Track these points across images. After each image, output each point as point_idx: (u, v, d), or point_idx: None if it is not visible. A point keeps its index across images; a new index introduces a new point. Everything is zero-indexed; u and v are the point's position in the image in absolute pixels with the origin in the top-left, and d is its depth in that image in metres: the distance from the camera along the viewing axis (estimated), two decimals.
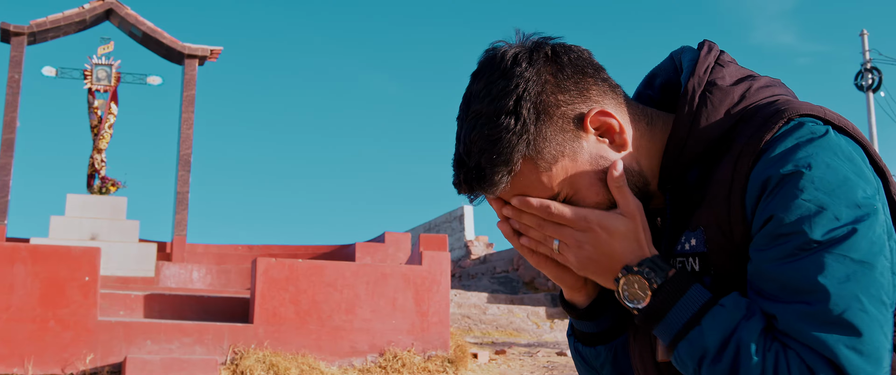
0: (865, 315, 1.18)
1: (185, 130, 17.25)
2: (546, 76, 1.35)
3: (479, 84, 1.37)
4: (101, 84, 17.21)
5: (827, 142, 1.26)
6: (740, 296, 1.28)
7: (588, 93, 1.37)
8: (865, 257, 1.20)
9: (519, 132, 1.32)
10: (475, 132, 1.34)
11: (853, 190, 1.23)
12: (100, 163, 17.01)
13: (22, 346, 9.31)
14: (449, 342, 10.90)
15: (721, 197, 1.31)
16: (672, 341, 1.31)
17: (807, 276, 1.20)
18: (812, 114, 1.32)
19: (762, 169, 1.26)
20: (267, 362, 9.75)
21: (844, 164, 1.25)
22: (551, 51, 1.38)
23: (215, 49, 17.65)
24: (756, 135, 1.30)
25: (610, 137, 1.38)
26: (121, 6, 17.33)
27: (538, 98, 1.34)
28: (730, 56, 1.49)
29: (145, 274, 15.23)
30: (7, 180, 16.16)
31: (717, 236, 1.32)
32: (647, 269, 1.34)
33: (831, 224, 1.20)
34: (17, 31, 16.65)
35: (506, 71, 1.34)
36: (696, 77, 1.41)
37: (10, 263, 9.45)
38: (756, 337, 1.22)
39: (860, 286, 1.19)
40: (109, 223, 15.98)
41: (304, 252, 16.67)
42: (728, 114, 1.37)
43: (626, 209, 1.36)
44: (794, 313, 1.20)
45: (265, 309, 10.25)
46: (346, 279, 10.63)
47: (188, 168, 17.09)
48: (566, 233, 1.37)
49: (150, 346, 9.72)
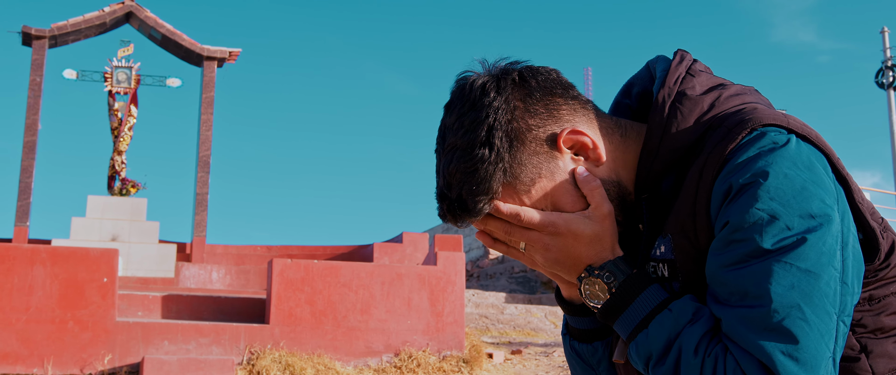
0: (805, 324, 1.20)
1: (204, 132, 17.37)
2: (515, 102, 1.38)
3: (452, 117, 1.40)
4: (121, 86, 17.37)
5: (787, 152, 1.28)
6: (691, 301, 1.31)
7: (558, 113, 1.40)
8: (813, 267, 1.22)
9: (494, 161, 1.35)
10: (453, 165, 1.37)
11: (809, 199, 1.25)
12: (120, 165, 17.16)
13: (41, 346, 9.43)
14: (464, 342, 10.93)
15: (687, 205, 1.34)
16: (626, 341, 1.36)
17: (753, 282, 1.23)
18: (776, 124, 1.33)
19: (725, 178, 1.29)
20: (283, 362, 9.82)
21: (803, 173, 1.27)
22: (518, 76, 1.41)
23: (234, 51, 17.77)
24: (720, 144, 1.32)
25: (584, 154, 1.41)
26: (140, 9, 17.48)
27: (509, 126, 1.37)
28: (703, 65, 1.52)
29: (165, 274, 15.37)
30: (29, 182, 16.33)
31: (683, 243, 1.35)
32: (607, 272, 1.38)
33: (782, 233, 1.23)
34: (39, 34, 16.83)
35: (475, 102, 1.37)
36: (666, 88, 1.44)
37: (30, 264, 9.57)
38: (697, 342, 1.25)
39: (803, 295, 1.21)
40: (130, 224, 16.12)
41: (322, 252, 16.74)
42: (698, 123, 1.40)
43: (597, 212, 1.39)
44: (737, 317, 1.23)
45: (281, 310, 10.32)
46: (361, 279, 10.69)
47: (207, 169, 17.20)
48: (533, 237, 1.41)
49: (167, 346, 9.82)
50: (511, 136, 1.37)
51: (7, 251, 9.63)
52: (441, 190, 1.41)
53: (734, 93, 1.44)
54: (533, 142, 1.38)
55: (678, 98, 1.42)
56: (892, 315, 1.39)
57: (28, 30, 16.78)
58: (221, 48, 17.67)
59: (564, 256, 1.41)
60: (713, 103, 1.41)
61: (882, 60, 26.25)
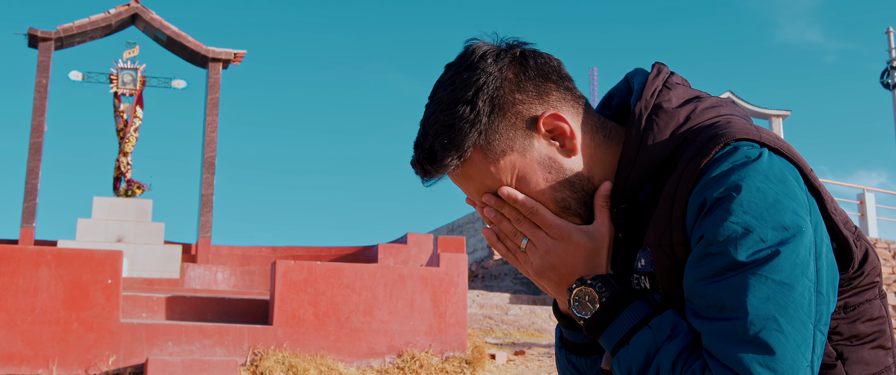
0: (781, 335, 1.23)
1: (209, 133, 17.41)
2: (508, 74, 1.43)
3: (448, 74, 1.46)
4: (126, 88, 17.42)
5: (760, 165, 1.31)
6: (672, 316, 1.34)
7: (547, 97, 1.45)
8: (787, 278, 1.25)
9: (472, 121, 1.41)
10: (433, 117, 1.43)
11: (781, 212, 1.27)
12: (126, 166, 17.21)
13: (46, 348, 9.48)
14: (466, 343, 10.96)
15: (664, 218, 1.37)
16: (610, 354, 1.40)
17: (730, 295, 1.25)
18: (748, 138, 1.36)
19: (699, 192, 1.32)
20: (286, 363, 9.86)
21: (775, 187, 1.29)
22: (520, 53, 1.46)
23: (239, 52, 17.81)
24: (695, 159, 1.35)
25: (561, 141, 1.45)
26: (146, 11, 17.54)
27: (496, 93, 1.42)
28: (680, 78, 1.55)
29: (171, 275, 15.41)
30: (35, 183, 16.40)
31: (660, 256, 1.38)
32: (599, 284, 1.42)
33: (756, 246, 1.26)
34: (45, 36, 16.90)
35: (472, 65, 1.43)
36: (643, 100, 1.47)
37: (35, 266, 9.63)
38: (674, 358, 1.29)
39: (779, 306, 1.23)
40: (135, 225, 16.18)
41: (327, 253, 16.77)
42: (673, 136, 1.43)
43: (600, 230, 1.45)
44: (715, 330, 1.26)
45: (284, 311, 10.36)
46: (364, 281, 10.73)
47: (213, 170, 17.24)
48: (539, 236, 1.46)
49: (171, 347, 9.86)
50: (494, 103, 1.42)
51: (12, 252, 9.69)
52: (418, 139, 1.47)
53: (709, 105, 1.47)
54: (514, 116, 1.43)
55: (654, 111, 1.45)
56: (867, 322, 1.43)
57: (34, 32, 16.85)
58: (226, 50, 17.71)
59: (561, 263, 1.45)
60: (689, 116, 1.44)
61: (887, 61, 26.20)
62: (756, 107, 26.63)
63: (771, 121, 26.65)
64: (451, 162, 1.43)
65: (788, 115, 26.61)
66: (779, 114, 26.55)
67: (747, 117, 1.53)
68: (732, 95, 26.44)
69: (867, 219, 21.44)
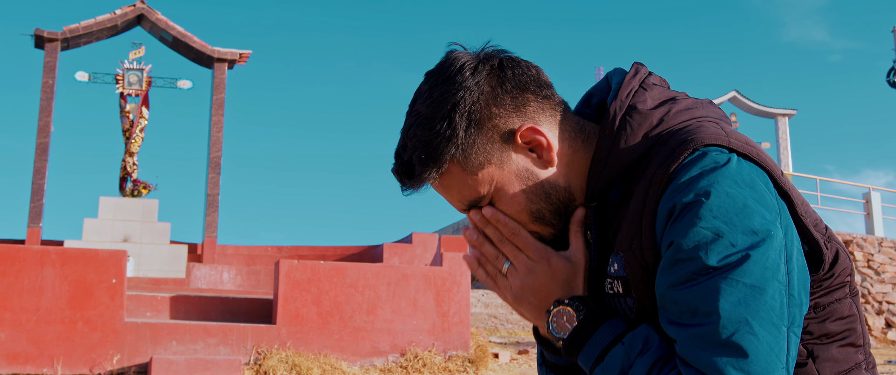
0: (754, 338, 1.23)
1: (214, 133, 17.47)
2: (485, 87, 1.44)
3: (427, 85, 1.47)
4: (132, 88, 17.49)
5: (728, 171, 1.32)
6: (644, 330, 1.36)
7: (525, 108, 1.46)
8: (757, 282, 1.26)
9: (449, 137, 1.43)
10: (412, 130, 1.45)
11: (750, 216, 1.29)
12: (132, 167, 17.28)
13: (51, 347, 9.54)
14: (469, 342, 10.99)
15: (634, 223, 1.38)
16: (589, 374, 1.42)
17: (702, 300, 1.26)
18: (717, 143, 1.37)
19: (668, 197, 1.33)
20: (290, 362, 9.90)
21: (744, 191, 1.31)
22: (498, 64, 1.47)
23: (244, 53, 17.86)
24: (664, 164, 1.36)
25: (538, 153, 1.47)
26: (151, 11, 17.60)
27: (473, 108, 1.43)
28: (658, 78, 1.56)
29: (176, 275, 15.47)
30: (42, 184, 16.47)
31: (631, 261, 1.39)
32: (577, 303, 1.45)
33: (727, 250, 1.27)
34: (51, 37, 16.97)
35: (450, 77, 1.44)
36: (618, 100, 1.48)
37: (40, 266, 9.68)
38: (646, 371, 1.31)
39: (750, 310, 1.25)
40: (141, 225, 16.24)
41: (332, 253, 16.81)
42: (646, 137, 1.44)
43: (577, 255, 1.48)
44: (688, 337, 1.27)
45: (288, 310, 10.40)
46: (367, 280, 10.76)
47: (218, 170, 17.30)
48: (520, 258, 1.49)
49: (175, 347, 9.91)
50: (471, 118, 1.43)
51: (17, 252, 9.74)
52: (398, 149, 1.49)
53: (684, 107, 1.48)
54: (491, 130, 1.45)
55: (629, 111, 1.47)
56: (837, 321, 1.45)
57: (40, 32, 16.92)
58: (232, 50, 17.77)
59: (541, 285, 1.48)
60: (662, 118, 1.45)
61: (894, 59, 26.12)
62: (762, 105, 26.57)
63: (777, 121, 26.59)
64: (429, 175, 1.46)
65: (794, 114, 26.55)
66: (785, 113, 26.49)
67: (723, 119, 1.54)
68: (738, 95, 26.41)
69: (873, 218, 21.42)
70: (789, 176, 23.76)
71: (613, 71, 1.60)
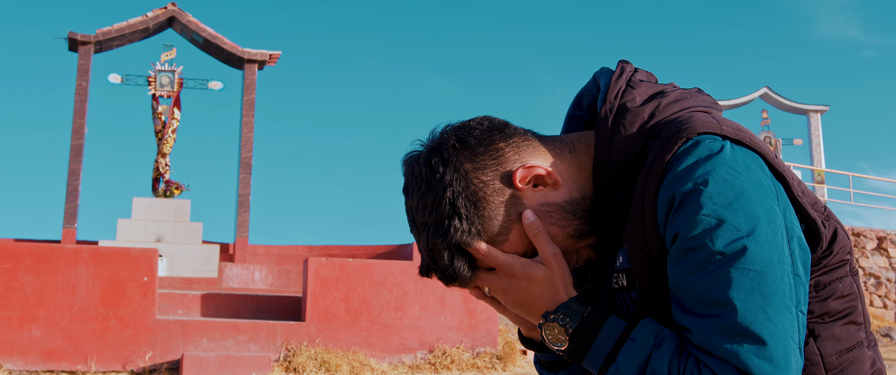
0: (770, 324, 1.25)
1: (245, 134, 17.62)
2: (463, 168, 1.45)
3: (414, 199, 1.47)
4: (164, 90, 17.69)
5: (723, 158, 1.34)
6: (651, 324, 1.36)
7: (504, 157, 1.47)
8: (765, 267, 1.28)
9: (466, 229, 1.43)
10: (431, 242, 1.45)
11: (750, 200, 1.31)
12: (164, 167, 17.46)
13: (85, 344, 9.69)
14: (498, 339, 11.03)
15: (637, 215, 1.40)
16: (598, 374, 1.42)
17: (715, 290, 1.28)
18: (709, 131, 1.40)
19: (667, 188, 1.35)
20: (319, 359, 9.99)
21: (741, 176, 1.33)
22: (456, 140, 1.47)
23: (274, 53, 18.00)
24: (659, 155, 1.38)
25: (542, 184, 1.48)
26: (182, 14, 17.79)
27: (467, 191, 1.44)
28: (644, 73, 1.58)
29: (209, 274, 15.61)
30: (76, 185, 16.71)
31: (636, 252, 1.40)
32: (562, 315, 1.43)
33: (732, 235, 1.28)
34: (85, 40, 17.21)
35: (429, 180, 1.45)
36: (607, 103, 1.50)
37: (74, 265, 9.84)
38: (668, 364, 1.31)
39: (763, 296, 1.26)
40: (174, 225, 16.41)
41: (362, 252, 16.89)
42: (640, 133, 1.46)
43: (545, 257, 1.47)
44: (707, 327, 1.28)
45: (317, 308, 10.49)
46: (395, 277, 10.83)
47: (249, 170, 17.45)
48: (492, 281, 1.49)
49: (206, 344, 10.03)
50: (473, 200, 1.44)
51: (51, 251, 9.91)
52: (427, 265, 1.49)
53: (673, 99, 1.50)
54: (494, 195, 1.45)
55: (620, 112, 1.49)
56: (838, 300, 1.46)
57: (74, 36, 17.17)
58: (262, 51, 17.92)
59: (522, 299, 1.48)
60: (653, 112, 1.48)
61: None
62: (793, 102, 26.37)
63: (809, 117, 26.37)
64: (472, 268, 1.48)
65: (827, 111, 26.32)
66: (817, 109, 26.28)
67: (713, 106, 1.56)
68: (769, 91, 26.23)
69: None
70: (822, 172, 23.59)
71: (600, 71, 1.62)
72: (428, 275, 1.52)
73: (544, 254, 1.46)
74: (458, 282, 1.48)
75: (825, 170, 23.10)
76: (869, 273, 17.72)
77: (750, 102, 26.62)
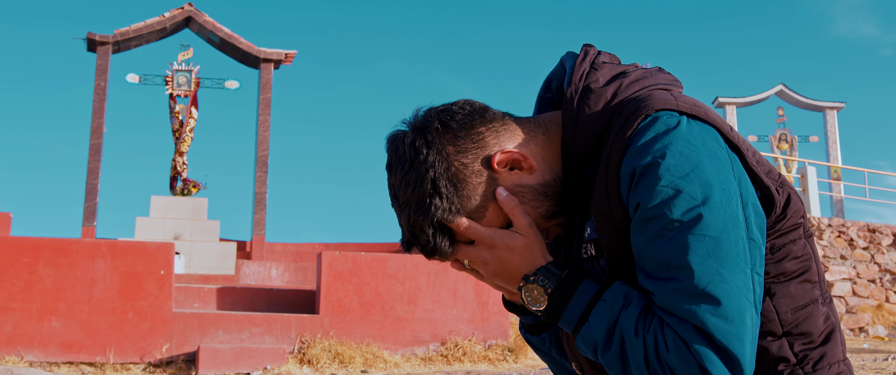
0: (725, 285, 1.35)
1: (262, 132, 17.78)
2: (446, 150, 1.54)
3: (397, 177, 1.56)
4: (181, 89, 17.88)
5: (680, 132, 1.43)
6: (621, 286, 1.46)
7: (484, 141, 1.57)
8: (720, 232, 1.37)
9: (447, 207, 1.53)
10: (412, 218, 1.54)
11: (705, 171, 1.40)
12: (181, 166, 17.65)
13: (103, 336, 9.86)
14: (509, 331, 11.13)
15: (602, 188, 1.50)
16: (572, 333, 1.53)
17: (673, 255, 1.37)
18: (667, 108, 1.49)
19: (628, 162, 1.44)
20: (332, 351, 10.12)
21: (697, 149, 1.42)
22: (440, 123, 1.56)
23: (290, 53, 18.16)
24: (621, 131, 1.47)
25: (518, 167, 1.58)
26: (199, 14, 17.97)
27: (448, 172, 1.53)
28: (607, 56, 1.68)
29: (226, 272, 15.76)
30: (95, 184, 16.91)
31: (602, 223, 1.49)
32: (541, 277, 1.53)
33: (688, 204, 1.37)
34: (103, 40, 17.42)
35: (412, 160, 1.53)
36: (572, 85, 1.60)
37: (92, 259, 10.02)
38: (634, 324, 1.40)
39: (719, 260, 1.36)
40: (191, 223, 16.59)
41: (378, 248, 17.03)
42: (604, 112, 1.56)
43: (521, 227, 1.56)
44: (667, 289, 1.37)
45: (330, 301, 10.62)
46: (407, 271, 10.95)
47: (266, 169, 17.60)
48: (472, 253, 1.59)
49: (222, 336, 10.18)
50: (453, 180, 1.53)
51: (70, 245, 10.09)
52: (409, 240, 1.59)
53: (634, 79, 1.60)
54: (473, 176, 1.55)
55: (584, 93, 1.58)
56: (792, 260, 1.56)
57: (93, 36, 17.38)
58: (278, 50, 18.08)
59: (502, 268, 1.57)
60: (616, 92, 1.57)
61: None
62: (809, 99, 26.32)
63: (825, 114, 26.31)
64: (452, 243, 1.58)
65: (843, 107, 26.26)
66: (833, 106, 26.22)
67: (673, 83, 1.66)
68: (785, 88, 26.18)
69: None
70: (838, 169, 23.54)
71: (566, 55, 1.72)
72: (409, 250, 1.62)
73: (520, 225, 1.56)
74: (438, 256, 1.58)
75: (841, 167, 23.05)
76: (885, 269, 17.69)
77: (766, 99, 26.58)
